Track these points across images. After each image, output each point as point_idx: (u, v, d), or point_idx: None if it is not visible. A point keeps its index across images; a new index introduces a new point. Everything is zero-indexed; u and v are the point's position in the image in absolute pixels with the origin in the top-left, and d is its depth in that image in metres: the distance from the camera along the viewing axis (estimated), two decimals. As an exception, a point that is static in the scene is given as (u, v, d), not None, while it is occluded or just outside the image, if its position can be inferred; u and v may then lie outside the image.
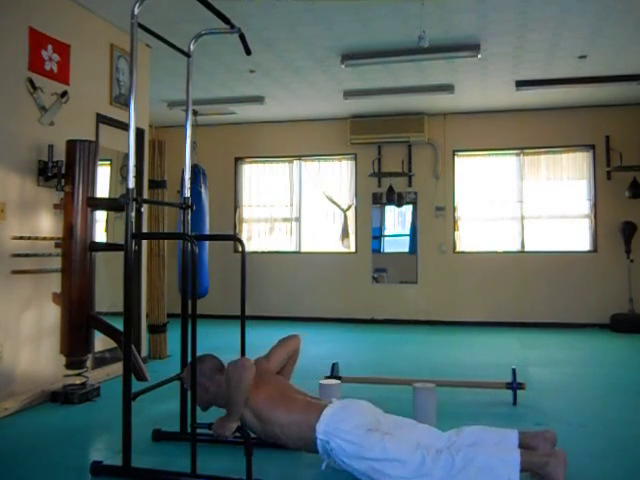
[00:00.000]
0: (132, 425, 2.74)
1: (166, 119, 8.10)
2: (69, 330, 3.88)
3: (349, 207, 8.66)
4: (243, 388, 2.69)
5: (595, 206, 7.94)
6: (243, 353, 3.29)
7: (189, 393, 2.85)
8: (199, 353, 3.07)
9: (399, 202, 8.37)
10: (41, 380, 4.13)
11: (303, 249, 8.75)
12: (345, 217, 8.67)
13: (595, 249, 7.92)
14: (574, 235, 8.06)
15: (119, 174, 5.21)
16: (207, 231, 6.65)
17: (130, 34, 2.81)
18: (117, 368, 4.57)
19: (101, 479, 2.75)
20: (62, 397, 4.05)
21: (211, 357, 3.06)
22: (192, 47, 3.40)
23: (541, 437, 2.68)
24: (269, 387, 2.85)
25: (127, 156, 2.82)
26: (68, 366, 4.00)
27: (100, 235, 4.78)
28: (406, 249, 8.58)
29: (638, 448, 3.18)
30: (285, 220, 8.87)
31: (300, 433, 2.71)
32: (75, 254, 3.88)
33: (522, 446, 2.59)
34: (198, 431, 2.72)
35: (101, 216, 4.82)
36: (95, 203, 4.01)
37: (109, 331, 3.89)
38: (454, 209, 8.30)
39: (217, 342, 6.44)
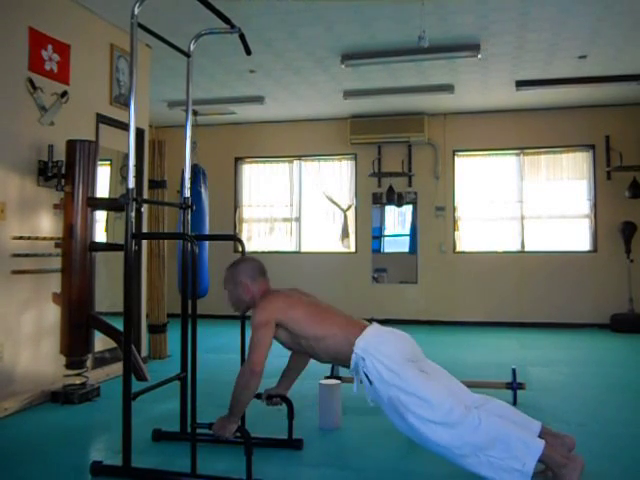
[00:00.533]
0: (132, 425, 2.75)
1: (166, 119, 8.10)
2: (69, 330, 3.88)
3: (349, 207, 8.66)
4: (248, 394, 2.70)
5: (595, 206, 7.94)
6: (243, 353, 3.28)
7: (189, 393, 2.85)
8: (199, 353, 3.08)
9: (399, 202, 8.37)
10: (41, 380, 4.13)
11: (303, 249, 8.75)
12: (345, 217, 8.67)
13: (595, 249, 7.92)
14: (574, 235, 8.06)
15: (119, 174, 5.21)
16: (207, 231, 6.64)
17: (130, 34, 2.81)
18: (117, 368, 4.57)
19: (101, 479, 2.75)
20: (62, 397, 4.05)
21: (254, 259, 3.03)
22: (192, 47, 3.40)
23: (560, 440, 2.65)
24: (304, 306, 2.83)
25: (127, 156, 2.82)
26: (68, 366, 4.00)
27: (100, 235, 4.78)
28: (406, 249, 8.58)
29: (637, 448, 3.18)
30: (285, 220, 8.87)
31: (336, 346, 2.69)
32: (75, 254, 3.88)
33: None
34: (198, 431, 2.73)
35: (101, 216, 4.82)
36: (95, 203, 4.01)
37: (109, 331, 3.89)
38: (454, 209, 8.30)
39: (217, 342, 6.45)
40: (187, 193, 3.40)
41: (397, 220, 8.81)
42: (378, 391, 2.58)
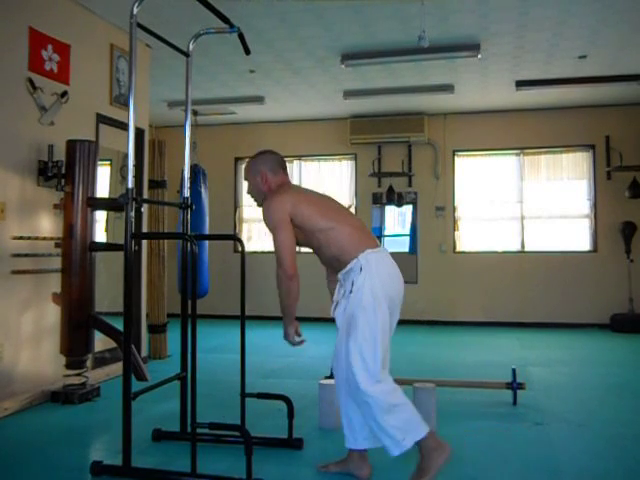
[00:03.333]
0: (132, 425, 2.75)
1: (166, 119, 8.10)
2: (69, 330, 3.88)
3: (349, 207, 8.66)
4: (293, 297, 2.79)
5: (595, 206, 7.94)
6: (243, 353, 3.28)
7: (189, 393, 2.85)
8: (199, 353, 3.08)
9: (399, 202, 8.37)
10: (41, 380, 4.14)
11: (303, 249, 8.72)
12: (345, 217, 8.66)
13: (595, 249, 7.93)
14: (574, 235, 8.06)
15: (119, 174, 5.21)
16: (207, 231, 6.64)
17: (129, 34, 2.81)
18: (117, 368, 4.57)
19: (101, 479, 2.75)
20: (62, 397, 4.05)
21: (276, 153, 3.01)
22: (191, 47, 3.40)
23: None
24: (319, 201, 2.83)
25: (127, 156, 2.82)
26: (68, 366, 4.00)
27: (100, 235, 4.78)
28: (406, 249, 8.57)
29: (637, 448, 3.18)
30: (285, 220, 8.86)
31: (344, 243, 2.71)
32: (75, 254, 3.88)
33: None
34: (198, 431, 2.73)
35: (101, 216, 4.82)
36: (95, 203, 4.01)
37: (109, 331, 3.89)
38: (454, 209, 8.30)
39: (217, 342, 6.45)
40: (187, 193, 3.40)
41: (397, 220, 8.81)
42: (349, 302, 2.66)
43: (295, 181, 8.84)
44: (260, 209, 2.87)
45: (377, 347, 2.59)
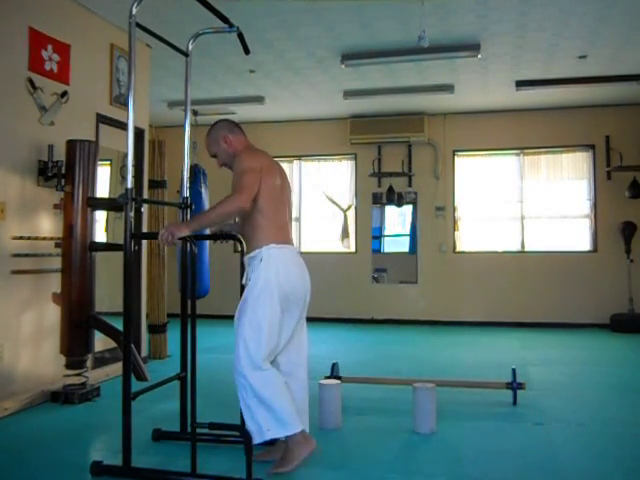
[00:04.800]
0: (132, 425, 2.75)
1: (166, 119, 8.09)
2: (69, 330, 3.89)
3: (349, 207, 8.66)
4: (222, 216, 2.74)
5: (595, 206, 7.94)
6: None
7: (189, 393, 2.85)
8: (199, 353, 3.08)
9: (399, 202, 8.37)
10: (41, 380, 4.14)
11: (303, 249, 8.74)
12: (345, 217, 8.67)
13: (595, 249, 7.92)
14: (574, 235, 8.06)
15: (119, 174, 5.21)
16: (207, 231, 6.64)
17: (129, 34, 2.81)
18: (117, 368, 4.57)
19: (101, 479, 2.75)
20: (62, 397, 4.05)
21: (227, 119, 3.15)
22: (190, 47, 3.40)
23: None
24: (277, 181, 2.92)
25: (127, 156, 2.82)
26: (68, 366, 4.01)
27: (100, 235, 4.78)
28: (406, 249, 8.58)
29: (637, 448, 3.18)
30: (285, 220, 8.86)
31: (261, 230, 2.80)
32: (75, 254, 3.88)
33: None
34: (198, 431, 2.73)
35: (101, 216, 4.83)
36: (95, 203, 4.01)
37: (109, 331, 3.89)
38: (454, 209, 8.30)
39: (217, 342, 6.45)
40: (187, 193, 3.40)
41: (397, 220, 8.81)
42: (246, 287, 2.77)
43: (295, 181, 8.85)
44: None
45: (262, 336, 2.68)
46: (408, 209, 8.53)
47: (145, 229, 5.46)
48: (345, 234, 8.67)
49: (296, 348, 2.93)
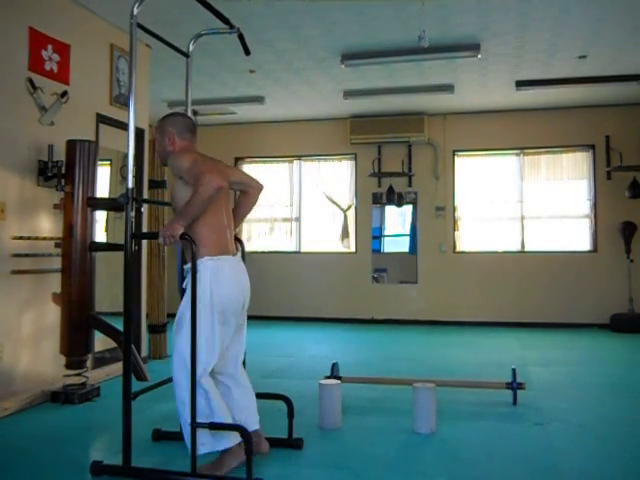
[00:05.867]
0: (132, 425, 2.75)
1: (166, 119, 8.08)
2: (69, 330, 3.89)
3: (349, 207, 8.66)
4: (208, 200, 2.68)
5: (595, 206, 7.94)
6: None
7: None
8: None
9: (399, 202, 8.37)
10: (41, 380, 4.13)
11: (303, 249, 8.75)
12: (345, 217, 8.67)
13: (595, 249, 7.92)
14: (574, 235, 8.06)
15: (119, 174, 5.21)
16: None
17: (129, 34, 2.81)
18: (117, 368, 4.57)
19: (101, 479, 2.75)
20: (62, 397, 4.04)
21: (187, 116, 3.09)
22: (191, 47, 3.40)
23: (258, 439, 2.94)
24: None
25: (127, 156, 2.82)
26: (68, 366, 4.01)
27: (100, 235, 4.78)
28: (406, 249, 8.58)
29: (637, 448, 3.18)
30: (285, 220, 8.87)
31: (201, 238, 2.75)
32: (75, 254, 3.88)
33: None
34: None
35: (101, 216, 4.82)
36: (95, 203, 4.02)
37: (109, 331, 3.89)
38: (454, 209, 8.29)
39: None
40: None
41: (397, 220, 8.81)
42: (184, 300, 2.77)
43: (295, 181, 8.85)
44: (259, 209, 2.90)
45: (200, 351, 2.70)
46: (408, 209, 8.52)
47: (145, 229, 5.46)
48: (345, 234, 8.67)
49: (233, 354, 2.96)
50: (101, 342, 4.33)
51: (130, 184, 2.82)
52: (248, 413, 2.95)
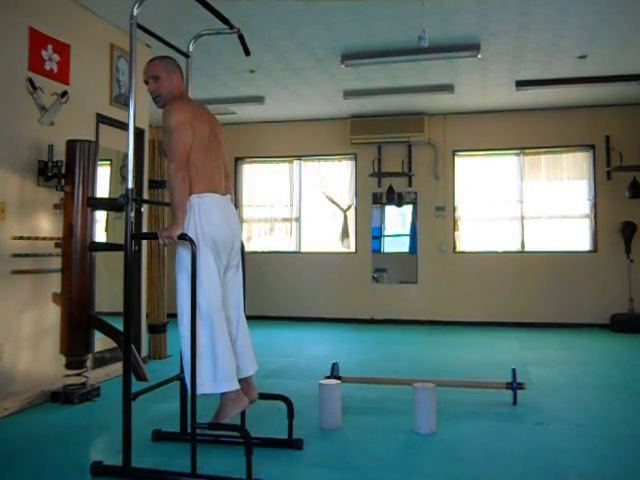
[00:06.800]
0: (132, 425, 2.75)
1: (166, 119, 8.09)
2: (69, 330, 3.89)
3: (349, 207, 8.66)
4: (184, 191, 2.78)
5: (595, 206, 7.94)
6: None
7: (189, 393, 2.85)
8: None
9: (399, 202, 8.37)
10: (41, 380, 4.14)
11: (303, 249, 8.75)
12: (345, 217, 8.67)
13: (595, 249, 7.92)
14: (574, 235, 8.06)
15: (119, 174, 5.21)
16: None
17: (129, 35, 2.81)
18: (117, 368, 4.57)
19: (101, 479, 2.75)
20: (62, 397, 4.05)
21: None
22: (191, 48, 3.40)
23: (247, 389, 3.00)
24: (206, 133, 2.94)
25: (127, 156, 2.83)
26: (68, 366, 4.01)
27: (100, 235, 4.78)
28: (406, 249, 8.58)
29: (637, 448, 3.18)
30: (285, 220, 8.87)
31: (191, 180, 2.82)
32: (75, 254, 3.88)
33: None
34: (198, 431, 2.72)
35: (101, 216, 4.83)
36: (95, 203, 4.01)
37: (109, 331, 3.89)
38: (454, 209, 8.30)
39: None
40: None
41: (397, 220, 8.81)
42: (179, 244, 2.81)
43: (295, 181, 8.85)
44: (260, 209, 2.95)
45: (202, 286, 2.77)
46: (408, 209, 8.52)
47: (145, 229, 5.46)
48: (345, 234, 8.67)
49: (234, 301, 3.03)
50: (101, 342, 4.33)
51: (130, 184, 2.82)
52: (246, 359, 3.00)
